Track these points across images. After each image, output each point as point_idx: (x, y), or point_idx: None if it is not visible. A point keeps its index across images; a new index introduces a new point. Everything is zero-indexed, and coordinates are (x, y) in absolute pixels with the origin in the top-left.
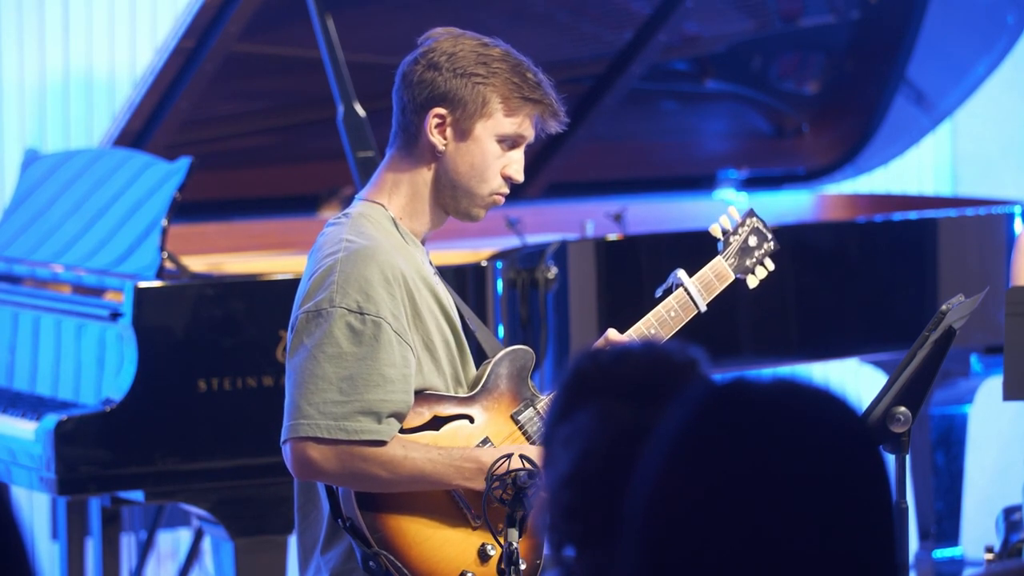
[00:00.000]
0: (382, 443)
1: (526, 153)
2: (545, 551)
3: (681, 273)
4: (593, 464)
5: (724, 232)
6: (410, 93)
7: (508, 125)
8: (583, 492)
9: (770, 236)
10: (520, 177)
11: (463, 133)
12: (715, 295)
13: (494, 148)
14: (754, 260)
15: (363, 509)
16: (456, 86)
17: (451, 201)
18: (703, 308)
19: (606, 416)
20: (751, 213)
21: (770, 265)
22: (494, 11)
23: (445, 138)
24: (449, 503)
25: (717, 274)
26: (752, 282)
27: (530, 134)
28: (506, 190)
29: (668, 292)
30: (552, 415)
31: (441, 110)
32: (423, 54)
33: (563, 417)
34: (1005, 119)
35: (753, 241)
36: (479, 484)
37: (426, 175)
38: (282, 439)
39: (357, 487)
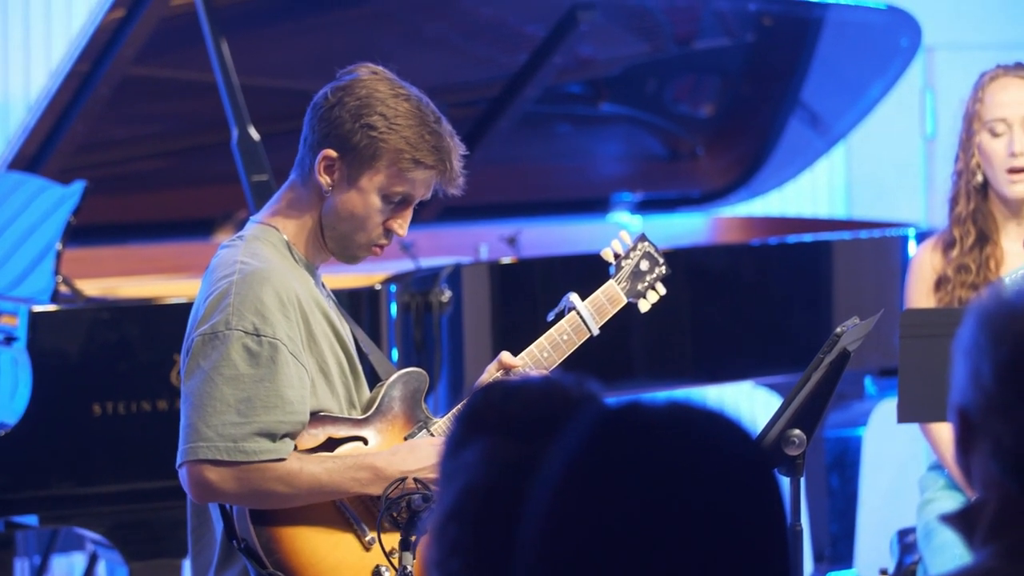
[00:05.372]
0: (280, 460)
1: None
2: None
3: (573, 297)
4: (475, 500)
5: (616, 256)
6: (311, 126)
7: (394, 183)
8: (466, 528)
9: (661, 261)
10: (403, 233)
11: (350, 180)
12: (607, 319)
13: (377, 202)
14: (646, 284)
15: (258, 530)
16: (351, 132)
17: (329, 241)
18: (596, 332)
19: (490, 453)
20: (643, 238)
21: (661, 289)
22: (388, 34)
23: (332, 180)
24: (343, 524)
25: (609, 298)
26: (644, 306)
27: (420, 194)
28: (385, 241)
29: (560, 316)
30: (444, 451)
31: (332, 152)
32: (334, 90)
33: (451, 454)
34: (899, 141)
35: (645, 265)
36: (375, 489)
37: (315, 209)
38: (178, 462)
39: (258, 505)
